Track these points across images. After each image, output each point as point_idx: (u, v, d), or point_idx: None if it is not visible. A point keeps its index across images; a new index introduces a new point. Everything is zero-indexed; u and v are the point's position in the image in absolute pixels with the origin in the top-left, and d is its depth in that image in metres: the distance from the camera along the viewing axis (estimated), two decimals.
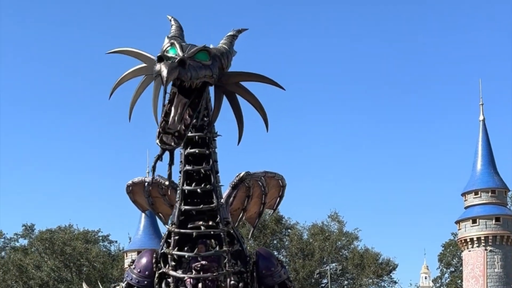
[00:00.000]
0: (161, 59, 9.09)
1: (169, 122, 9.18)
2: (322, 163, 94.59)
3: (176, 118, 9.21)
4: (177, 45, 9.64)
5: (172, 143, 9.23)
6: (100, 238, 58.84)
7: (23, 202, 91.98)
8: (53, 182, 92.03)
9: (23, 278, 53.85)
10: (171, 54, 9.57)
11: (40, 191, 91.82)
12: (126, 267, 12.57)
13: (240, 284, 11.04)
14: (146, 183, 12.01)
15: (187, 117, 9.45)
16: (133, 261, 11.67)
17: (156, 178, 11.61)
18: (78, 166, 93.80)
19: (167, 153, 9.39)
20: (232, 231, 11.08)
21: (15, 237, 60.44)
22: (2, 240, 61.84)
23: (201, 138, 10.67)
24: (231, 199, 11.60)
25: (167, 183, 11.50)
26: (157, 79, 9.76)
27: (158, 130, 9.21)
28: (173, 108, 9.26)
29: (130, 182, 12.23)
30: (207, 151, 10.71)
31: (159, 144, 9.21)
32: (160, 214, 12.38)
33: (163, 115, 9.31)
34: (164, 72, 8.92)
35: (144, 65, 10.43)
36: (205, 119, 10.54)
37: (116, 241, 59.15)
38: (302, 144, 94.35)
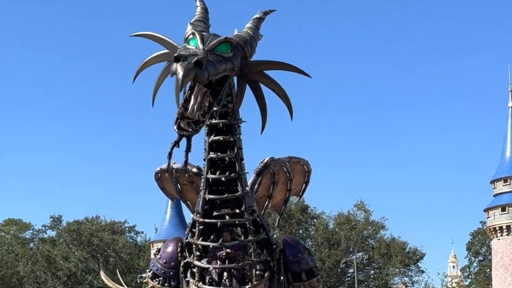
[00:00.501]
0: (177, 59, 8.84)
1: (188, 111, 9.00)
2: (348, 152, 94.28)
3: (195, 107, 9.01)
4: (198, 36, 9.41)
5: (190, 129, 9.04)
6: (127, 229, 59.15)
7: (51, 194, 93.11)
8: (80, 174, 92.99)
9: (51, 269, 54.36)
10: (191, 45, 9.34)
11: (67, 183, 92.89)
12: (152, 257, 12.49)
13: (266, 274, 10.89)
14: (174, 170, 11.80)
15: (207, 104, 9.25)
16: (158, 250, 11.58)
17: (182, 164, 11.47)
18: (104, 158, 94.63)
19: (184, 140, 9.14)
20: (258, 219, 10.92)
21: (43, 229, 61.27)
22: (31, 231, 62.76)
23: (225, 125, 10.52)
24: (256, 186, 11.46)
25: (194, 170, 11.37)
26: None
27: (176, 116, 9.04)
28: (192, 97, 9.05)
29: (158, 168, 12.12)
30: (231, 138, 10.56)
31: (176, 130, 9.03)
32: (188, 202, 12.24)
33: (182, 101, 9.13)
34: (180, 75, 8.70)
35: (166, 51, 10.26)
36: (229, 105, 10.37)
37: (142, 232, 59.47)
38: (328, 133, 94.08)
